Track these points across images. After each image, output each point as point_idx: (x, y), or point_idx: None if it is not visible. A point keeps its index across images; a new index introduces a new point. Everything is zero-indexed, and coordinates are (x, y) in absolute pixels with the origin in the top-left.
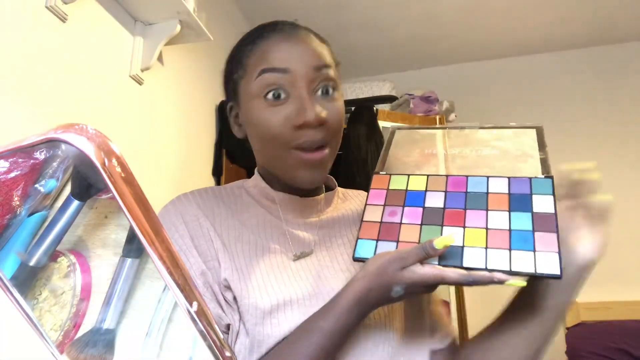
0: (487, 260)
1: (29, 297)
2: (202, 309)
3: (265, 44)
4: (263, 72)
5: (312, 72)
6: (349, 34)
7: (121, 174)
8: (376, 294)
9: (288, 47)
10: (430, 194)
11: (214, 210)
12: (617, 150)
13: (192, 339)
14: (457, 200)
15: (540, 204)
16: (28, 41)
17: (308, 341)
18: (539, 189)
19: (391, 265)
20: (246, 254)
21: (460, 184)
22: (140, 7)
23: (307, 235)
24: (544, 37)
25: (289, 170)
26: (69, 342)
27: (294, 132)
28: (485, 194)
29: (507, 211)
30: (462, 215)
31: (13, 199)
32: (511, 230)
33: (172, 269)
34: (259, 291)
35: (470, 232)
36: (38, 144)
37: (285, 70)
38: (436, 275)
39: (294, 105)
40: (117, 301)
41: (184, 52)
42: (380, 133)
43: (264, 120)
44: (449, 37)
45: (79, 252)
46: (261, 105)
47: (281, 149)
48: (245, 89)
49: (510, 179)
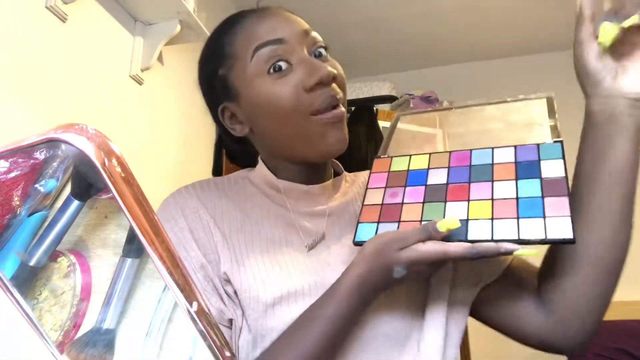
0: (493, 231)
1: (29, 297)
2: (202, 308)
3: (247, 25)
4: (257, 49)
5: (304, 37)
6: (349, 34)
7: (121, 173)
8: (377, 276)
9: (271, 19)
10: (432, 172)
11: (215, 202)
12: None
13: (192, 339)
14: (461, 174)
15: (549, 169)
16: (28, 41)
17: (309, 330)
18: (548, 154)
19: (391, 246)
20: (248, 246)
21: (464, 158)
22: (140, 7)
23: (315, 224)
24: (544, 37)
25: (315, 140)
26: (69, 342)
27: (309, 96)
28: (491, 165)
29: (514, 180)
30: (466, 189)
31: (13, 199)
32: (518, 199)
33: (172, 269)
34: (262, 283)
35: (475, 204)
36: (38, 144)
37: (280, 40)
38: (438, 251)
39: (301, 70)
40: (117, 301)
41: (184, 52)
42: (380, 133)
43: (275, 96)
44: (449, 37)
45: (79, 252)
46: (266, 83)
47: (301, 120)
48: (240, 77)
49: (516, 147)
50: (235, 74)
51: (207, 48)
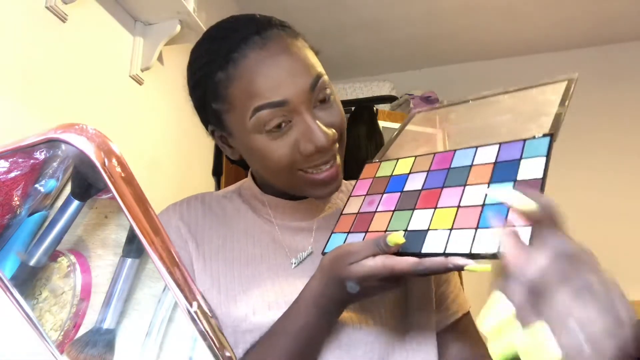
0: (447, 244)
1: (29, 297)
2: (202, 309)
3: (245, 70)
4: (258, 111)
5: (309, 93)
6: (349, 34)
7: (121, 174)
8: (332, 289)
9: (275, 70)
10: (412, 176)
11: (199, 221)
12: (617, 151)
13: (192, 339)
14: (437, 179)
15: (527, 169)
16: (28, 41)
17: (272, 343)
18: (531, 152)
19: (343, 260)
20: (228, 263)
21: (445, 160)
22: (140, 7)
23: (301, 239)
24: (544, 37)
25: (304, 189)
26: (69, 342)
27: (303, 158)
28: (469, 167)
29: (487, 184)
30: (437, 194)
31: (13, 199)
32: (484, 206)
33: (172, 269)
34: (235, 300)
35: (440, 212)
36: (38, 144)
37: (283, 102)
38: (385, 266)
39: (299, 130)
40: (117, 301)
41: (184, 52)
42: (380, 133)
43: (270, 152)
44: (449, 37)
45: (79, 252)
46: (263, 140)
47: (292, 175)
48: (235, 124)
49: (501, 145)
50: (231, 119)
51: (202, 64)
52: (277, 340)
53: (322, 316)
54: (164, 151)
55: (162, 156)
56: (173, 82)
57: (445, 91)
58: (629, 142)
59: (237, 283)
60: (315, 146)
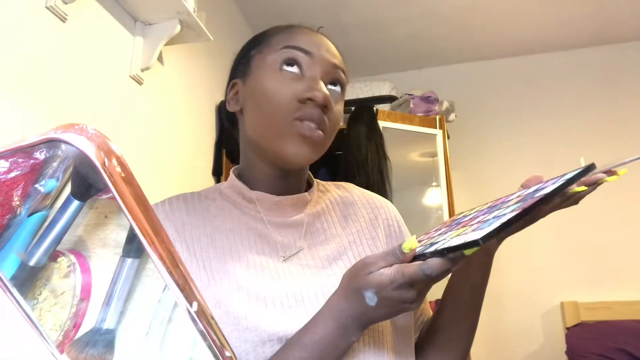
0: (448, 243)
1: (29, 297)
2: (202, 309)
3: (296, 30)
4: (287, 47)
5: (330, 66)
6: (349, 34)
7: (121, 174)
8: (351, 302)
9: (316, 39)
10: (475, 211)
11: (184, 220)
12: (618, 151)
13: (192, 339)
14: (486, 210)
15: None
16: (28, 41)
17: (289, 355)
18: (563, 179)
19: (361, 271)
20: (220, 260)
21: (510, 197)
22: (140, 7)
23: (288, 234)
24: (544, 37)
25: (282, 140)
26: (69, 342)
27: (298, 105)
28: (511, 199)
29: (506, 207)
30: (473, 220)
31: (13, 199)
32: (491, 218)
33: (172, 269)
34: (231, 296)
35: (460, 230)
36: (38, 144)
37: (309, 52)
38: (398, 271)
39: (305, 83)
40: (117, 301)
41: (184, 52)
42: (380, 133)
43: (272, 89)
44: (449, 37)
45: (79, 252)
46: (274, 76)
47: (282, 119)
48: (261, 61)
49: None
50: (259, 57)
51: (264, 32)
52: (292, 352)
53: (340, 331)
54: (164, 151)
55: (162, 156)
56: (173, 82)
57: (445, 91)
58: (629, 142)
59: (232, 280)
60: (311, 94)
